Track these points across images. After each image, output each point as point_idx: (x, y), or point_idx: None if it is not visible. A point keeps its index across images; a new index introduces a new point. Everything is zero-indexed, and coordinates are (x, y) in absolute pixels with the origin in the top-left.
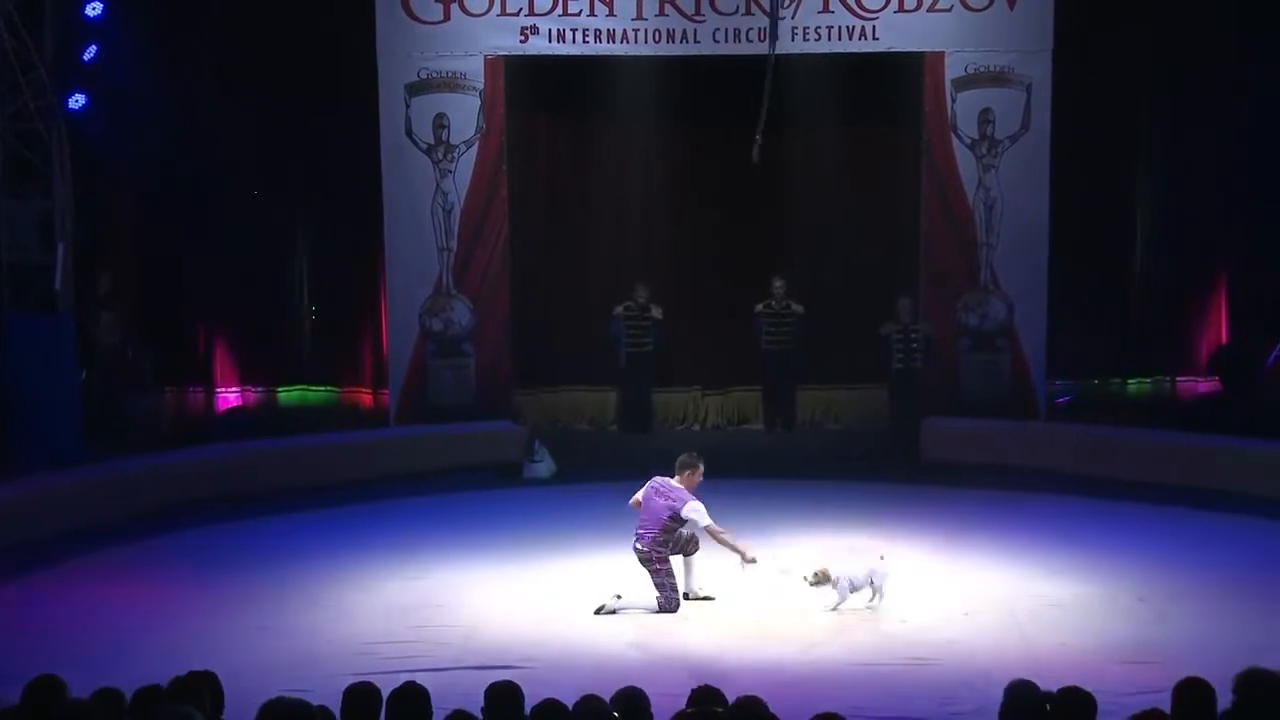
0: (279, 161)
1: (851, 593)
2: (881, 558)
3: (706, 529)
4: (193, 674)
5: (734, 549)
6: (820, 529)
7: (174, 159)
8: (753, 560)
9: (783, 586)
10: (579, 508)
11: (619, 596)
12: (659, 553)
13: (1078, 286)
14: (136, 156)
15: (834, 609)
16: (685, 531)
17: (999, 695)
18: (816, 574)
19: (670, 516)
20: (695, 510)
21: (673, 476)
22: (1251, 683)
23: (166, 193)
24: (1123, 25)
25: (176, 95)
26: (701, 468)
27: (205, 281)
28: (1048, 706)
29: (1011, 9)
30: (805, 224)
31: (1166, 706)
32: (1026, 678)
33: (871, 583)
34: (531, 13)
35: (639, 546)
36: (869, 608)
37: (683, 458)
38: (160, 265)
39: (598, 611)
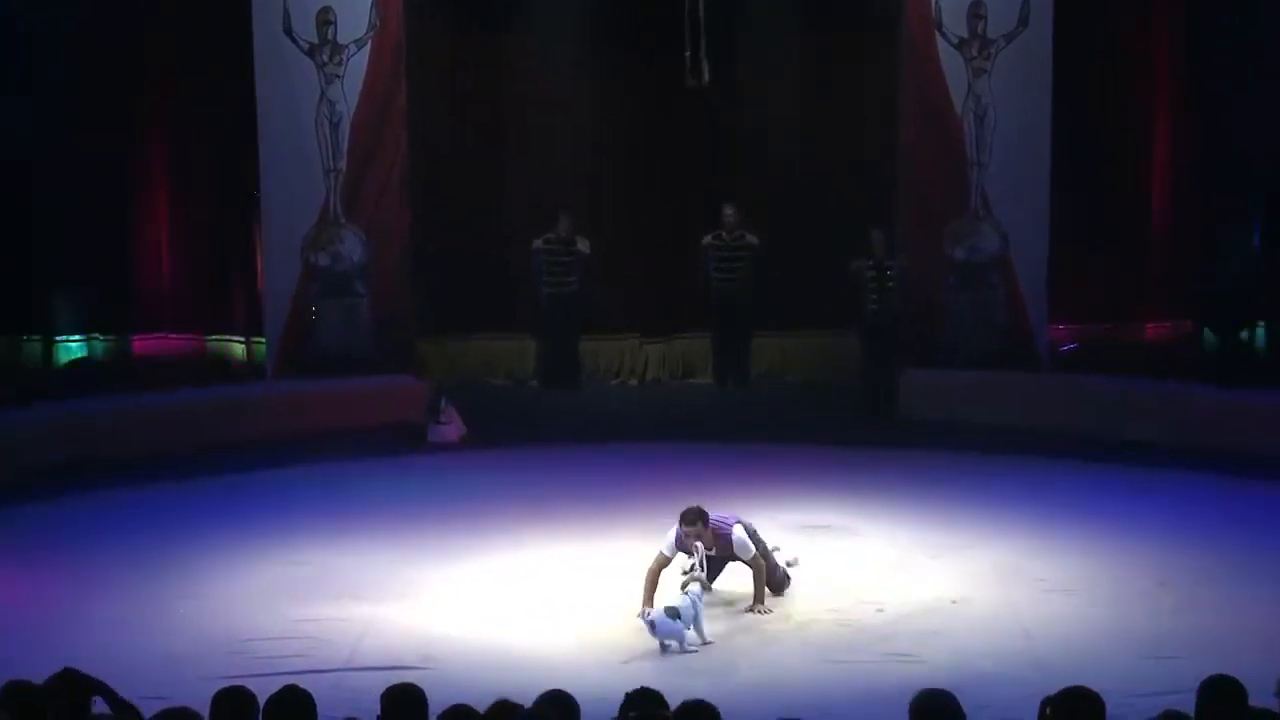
0: (133, 69)
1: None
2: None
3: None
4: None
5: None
6: (779, 502)
7: (9, 69)
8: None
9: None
10: (494, 478)
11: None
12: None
13: (1085, 213)
14: None
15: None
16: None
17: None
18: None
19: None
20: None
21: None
22: None
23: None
24: None
25: None
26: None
27: (43, 211)
28: (1047, 711)
29: None
30: (761, 141)
31: (1189, 708)
32: (941, 688)
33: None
34: None
35: None
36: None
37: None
38: None
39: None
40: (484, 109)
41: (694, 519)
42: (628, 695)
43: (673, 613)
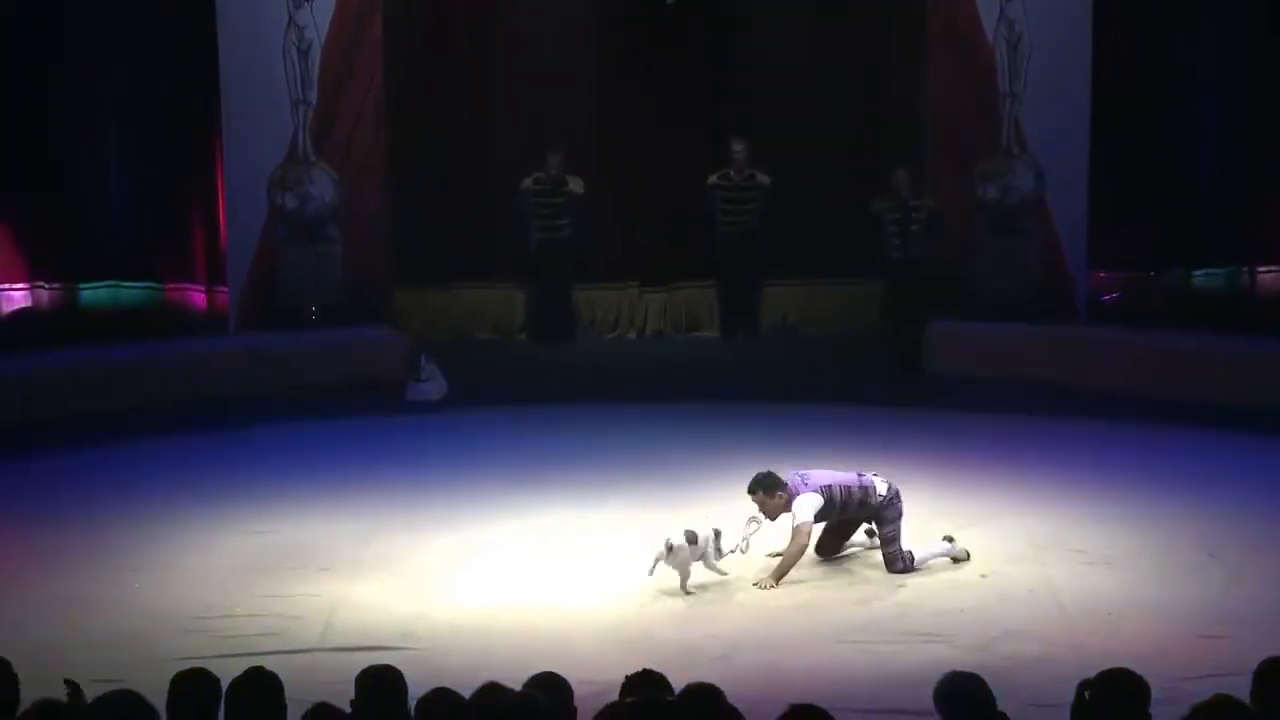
0: None
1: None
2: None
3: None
4: None
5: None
6: (792, 467)
7: None
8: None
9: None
10: (479, 441)
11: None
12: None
13: (1129, 149)
14: None
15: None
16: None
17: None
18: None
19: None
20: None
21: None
22: None
23: None
24: None
25: None
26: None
27: None
28: (1085, 696)
29: None
30: (773, 71)
31: (1243, 691)
32: (970, 670)
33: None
34: None
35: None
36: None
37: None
38: None
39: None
40: (468, 35)
41: (753, 488)
42: (627, 678)
43: (691, 536)
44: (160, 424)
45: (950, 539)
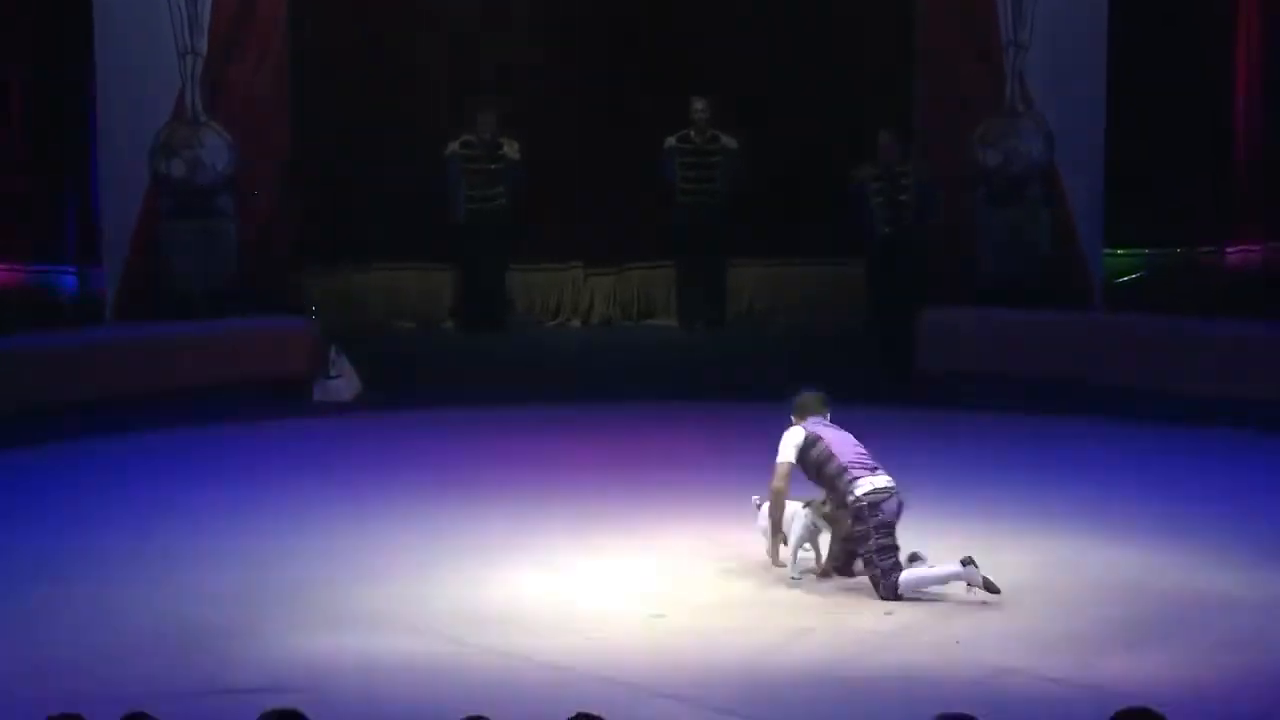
0: None
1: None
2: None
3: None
4: None
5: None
6: (761, 477)
7: None
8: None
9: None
10: (398, 446)
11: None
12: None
13: (1152, 108)
14: None
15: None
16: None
17: None
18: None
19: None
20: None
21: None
22: None
23: None
24: None
25: None
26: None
27: None
28: None
29: None
30: (741, 17)
31: None
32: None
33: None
34: None
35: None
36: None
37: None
38: None
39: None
40: None
41: None
42: None
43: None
44: (22, 431)
45: (969, 561)
